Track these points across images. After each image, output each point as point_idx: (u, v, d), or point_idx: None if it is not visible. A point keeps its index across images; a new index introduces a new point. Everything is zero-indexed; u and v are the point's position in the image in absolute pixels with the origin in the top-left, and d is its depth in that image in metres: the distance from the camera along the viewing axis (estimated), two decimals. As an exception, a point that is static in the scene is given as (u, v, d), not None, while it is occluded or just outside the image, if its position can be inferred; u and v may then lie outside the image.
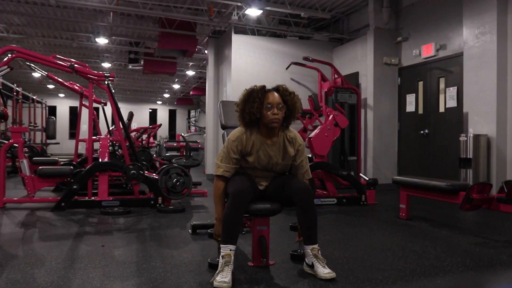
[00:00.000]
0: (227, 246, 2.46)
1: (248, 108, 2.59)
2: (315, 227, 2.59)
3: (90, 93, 5.69)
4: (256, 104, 2.56)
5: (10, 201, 5.10)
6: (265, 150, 2.66)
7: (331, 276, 2.46)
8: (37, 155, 8.50)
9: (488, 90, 5.30)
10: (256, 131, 2.67)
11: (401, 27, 7.21)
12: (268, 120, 2.58)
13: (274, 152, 2.67)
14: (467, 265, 2.83)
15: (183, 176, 5.17)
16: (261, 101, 2.57)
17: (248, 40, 7.92)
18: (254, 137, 2.65)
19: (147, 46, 10.73)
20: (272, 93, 2.62)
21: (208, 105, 9.16)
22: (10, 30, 9.50)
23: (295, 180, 2.67)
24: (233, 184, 2.58)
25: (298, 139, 2.76)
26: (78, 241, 3.44)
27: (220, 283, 2.31)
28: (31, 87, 18.38)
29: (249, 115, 2.60)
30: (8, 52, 4.98)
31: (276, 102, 2.58)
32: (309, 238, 2.58)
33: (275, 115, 2.57)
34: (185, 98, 21.84)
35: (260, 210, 2.65)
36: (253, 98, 2.58)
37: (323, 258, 2.56)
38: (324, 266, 2.51)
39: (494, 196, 3.62)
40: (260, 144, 2.65)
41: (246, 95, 2.62)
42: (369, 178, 5.73)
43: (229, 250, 2.45)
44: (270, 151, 2.66)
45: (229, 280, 2.34)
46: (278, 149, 2.68)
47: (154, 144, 12.67)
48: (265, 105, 2.57)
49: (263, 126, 2.65)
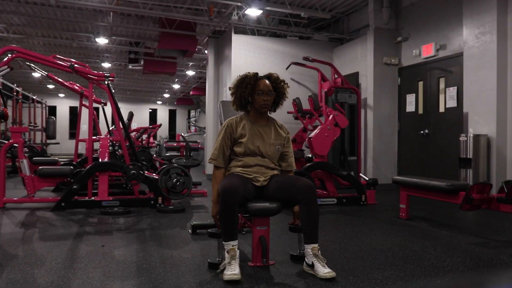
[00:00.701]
0: (228, 243, 2.52)
1: (240, 92, 2.78)
2: (317, 226, 2.60)
3: (90, 93, 5.69)
4: (248, 89, 2.75)
5: (10, 201, 5.10)
6: (257, 130, 2.81)
7: (331, 275, 2.46)
8: (37, 155, 8.49)
9: (488, 90, 5.30)
10: (246, 116, 2.86)
11: (401, 27, 7.21)
12: (259, 105, 2.77)
13: (266, 133, 2.82)
14: (467, 265, 2.83)
15: (183, 176, 5.17)
16: (253, 87, 2.76)
17: (248, 40, 7.92)
18: (245, 121, 2.83)
19: (147, 46, 10.74)
20: (264, 80, 2.79)
21: (208, 105, 9.16)
22: (10, 30, 9.50)
23: (298, 179, 2.69)
24: (224, 182, 2.60)
25: (285, 128, 2.97)
26: (78, 241, 3.44)
27: (231, 275, 2.40)
28: (31, 87, 18.38)
29: (240, 99, 2.80)
30: (8, 52, 4.98)
31: (267, 89, 2.76)
32: (310, 237, 2.59)
33: (265, 101, 2.76)
34: (185, 98, 21.84)
35: (260, 210, 2.65)
36: (246, 83, 2.76)
37: (323, 257, 2.56)
38: (324, 265, 2.51)
39: (494, 196, 3.62)
40: (251, 125, 2.82)
41: (240, 80, 2.81)
42: (369, 178, 5.73)
43: (232, 246, 2.52)
44: (262, 131, 2.81)
45: (238, 272, 2.42)
46: (270, 130, 2.84)
47: (154, 144, 12.66)
48: (256, 91, 2.75)
49: (254, 110, 2.84)
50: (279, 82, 2.84)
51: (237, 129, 2.79)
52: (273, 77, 2.84)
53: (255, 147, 2.76)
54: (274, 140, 2.82)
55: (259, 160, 2.77)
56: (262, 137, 2.79)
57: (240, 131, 2.78)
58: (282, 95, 2.87)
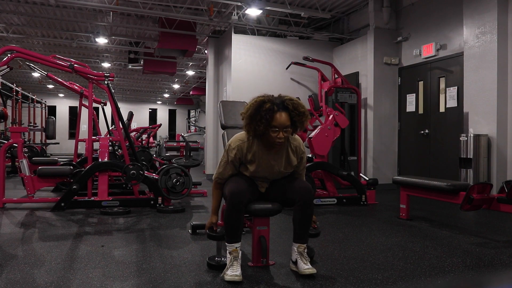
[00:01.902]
0: (232, 245, 2.53)
1: (254, 125, 2.49)
2: (308, 228, 2.63)
3: (90, 93, 5.69)
4: (263, 124, 2.46)
5: (9, 201, 5.09)
6: (267, 160, 2.61)
7: (311, 272, 2.48)
8: (37, 155, 8.50)
9: (489, 90, 5.30)
10: (258, 142, 2.60)
11: (401, 27, 7.20)
12: (272, 141, 2.51)
13: (276, 161, 2.63)
14: (468, 265, 2.82)
15: (183, 176, 5.16)
16: (268, 122, 2.45)
17: (248, 40, 7.91)
18: (256, 147, 2.59)
19: (147, 46, 10.73)
20: (280, 114, 2.46)
21: (208, 105, 9.16)
22: (10, 30, 9.49)
23: (297, 181, 2.68)
24: (231, 185, 2.58)
25: (302, 147, 2.72)
26: (78, 241, 3.44)
27: (232, 276, 2.41)
28: (31, 87, 18.39)
29: (254, 132, 2.53)
30: (7, 52, 4.98)
31: (284, 125, 2.47)
32: (299, 236, 2.61)
33: (279, 139, 2.49)
34: (185, 98, 21.84)
35: (260, 210, 2.65)
36: (260, 117, 2.45)
37: (307, 257, 2.58)
38: (306, 263, 2.52)
39: (495, 196, 3.62)
40: (262, 154, 2.60)
41: (254, 110, 2.47)
42: (369, 178, 5.72)
43: (235, 247, 2.52)
44: (272, 160, 2.62)
45: (239, 273, 2.44)
46: (281, 158, 2.63)
47: (154, 144, 12.66)
48: (271, 126, 2.46)
49: (266, 139, 2.55)
50: (297, 113, 2.49)
51: (247, 155, 2.60)
52: (292, 106, 2.49)
53: (263, 176, 2.68)
54: (284, 169, 2.66)
55: (267, 178, 2.73)
56: (272, 168, 2.63)
57: (249, 157, 2.60)
58: (301, 127, 2.56)
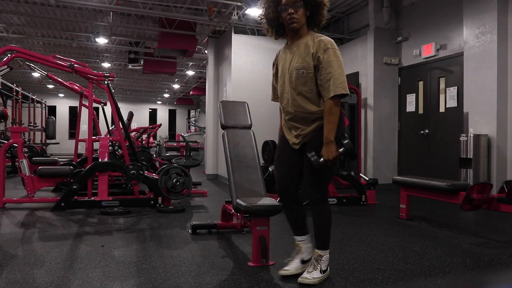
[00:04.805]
0: (295, 238, 2.61)
1: (266, 14, 2.40)
2: (321, 232, 2.46)
3: (90, 93, 5.69)
4: (271, 8, 2.35)
5: (9, 201, 5.09)
6: (287, 53, 2.43)
7: (303, 281, 2.36)
8: (37, 155, 8.49)
9: (489, 90, 5.30)
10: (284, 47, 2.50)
11: (401, 27, 7.20)
12: (285, 22, 2.34)
13: (293, 54, 2.37)
14: (468, 265, 2.82)
15: (183, 176, 5.16)
16: (275, 4, 2.33)
17: (248, 40, 7.91)
18: (282, 49, 2.51)
19: (147, 46, 10.73)
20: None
21: (208, 105, 9.16)
22: (10, 30, 9.50)
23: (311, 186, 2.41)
24: (276, 176, 2.56)
25: (326, 42, 2.29)
26: (78, 241, 3.44)
27: (283, 270, 2.52)
28: (31, 87, 18.39)
29: (269, 23, 2.42)
30: (7, 52, 4.98)
31: (291, 1, 2.29)
32: (315, 239, 2.48)
33: (290, 15, 2.29)
34: (185, 98, 21.85)
35: (260, 210, 2.65)
36: (268, 2, 2.37)
37: (316, 265, 2.42)
38: (309, 271, 2.41)
39: (495, 196, 3.62)
40: (284, 50, 2.48)
41: (262, 1, 2.42)
42: (369, 178, 5.72)
43: (297, 241, 2.59)
44: (289, 54, 2.40)
45: (290, 268, 2.52)
46: (298, 50, 2.35)
47: (154, 144, 12.67)
48: (280, 7, 2.32)
49: (288, 31, 2.41)
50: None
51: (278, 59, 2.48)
52: None
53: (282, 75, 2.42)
54: (297, 62, 2.33)
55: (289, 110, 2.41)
56: (289, 63, 2.36)
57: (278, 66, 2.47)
58: (316, 3, 2.31)
